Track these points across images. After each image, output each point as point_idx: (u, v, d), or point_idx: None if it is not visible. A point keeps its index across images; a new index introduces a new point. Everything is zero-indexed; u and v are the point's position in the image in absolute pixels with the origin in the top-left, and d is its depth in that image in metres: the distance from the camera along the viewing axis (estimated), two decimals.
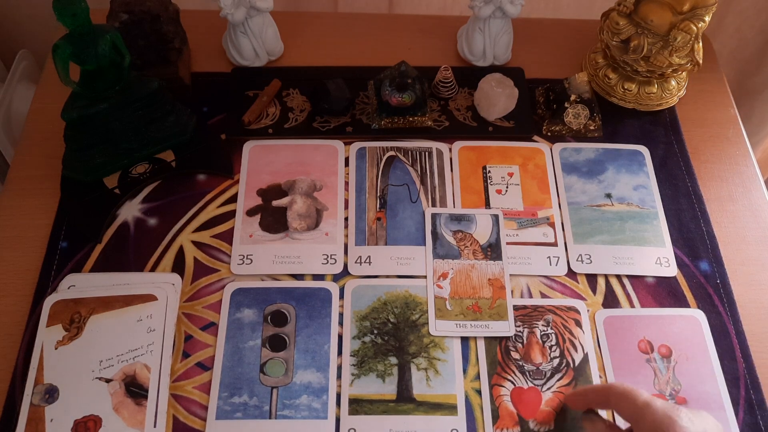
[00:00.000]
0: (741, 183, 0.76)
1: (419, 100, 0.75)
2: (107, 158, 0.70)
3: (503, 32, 0.81)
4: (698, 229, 0.72)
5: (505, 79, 0.77)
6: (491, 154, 0.76)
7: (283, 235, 0.69)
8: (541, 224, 0.71)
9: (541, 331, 0.64)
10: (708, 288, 0.68)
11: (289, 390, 0.61)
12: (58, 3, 0.59)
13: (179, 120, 0.72)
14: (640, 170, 0.76)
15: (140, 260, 0.67)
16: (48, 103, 0.78)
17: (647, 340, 0.64)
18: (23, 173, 0.73)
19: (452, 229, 0.70)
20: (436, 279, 0.67)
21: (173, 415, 0.59)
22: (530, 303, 0.66)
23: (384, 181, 0.74)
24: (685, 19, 0.71)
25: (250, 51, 0.81)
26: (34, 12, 1.02)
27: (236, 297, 0.65)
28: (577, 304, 0.66)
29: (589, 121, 0.78)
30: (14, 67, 1.00)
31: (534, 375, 0.62)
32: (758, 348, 0.65)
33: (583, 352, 0.63)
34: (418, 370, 0.62)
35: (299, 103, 0.79)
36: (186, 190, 0.72)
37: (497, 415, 0.60)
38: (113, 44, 0.63)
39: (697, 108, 0.82)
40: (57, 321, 0.62)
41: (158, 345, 0.61)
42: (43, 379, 0.59)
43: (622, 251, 0.69)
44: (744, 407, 0.61)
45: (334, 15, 0.94)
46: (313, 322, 0.64)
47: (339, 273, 0.67)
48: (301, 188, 0.72)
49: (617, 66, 0.79)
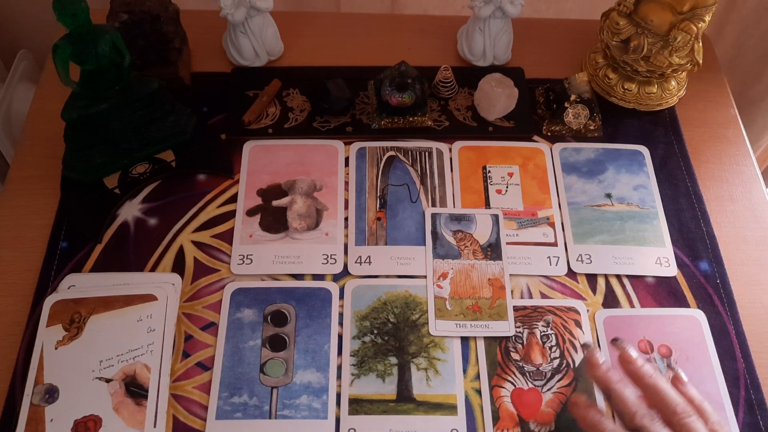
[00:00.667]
0: (741, 183, 0.76)
1: (419, 100, 0.75)
2: (107, 158, 0.70)
3: (503, 32, 0.81)
4: (698, 229, 0.72)
5: (505, 79, 0.77)
6: (491, 154, 0.76)
7: (283, 235, 0.69)
8: (541, 224, 0.71)
9: (541, 331, 0.64)
10: (708, 288, 0.68)
11: (289, 390, 0.61)
12: (58, 3, 0.59)
13: (179, 120, 0.72)
14: (640, 170, 0.76)
15: (140, 260, 0.67)
16: (48, 103, 0.78)
17: (647, 340, 0.64)
18: (23, 173, 0.73)
19: (452, 229, 0.70)
20: (436, 279, 0.67)
21: (173, 415, 0.59)
22: (530, 303, 0.66)
23: (384, 181, 0.74)
24: (685, 19, 0.71)
25: (250, 51, 0.81)
26: (34, 12, 1.02)
27: (236, 297, 0.65)
28: (577, 304, 0.66)
29: (589, 121, 0.78)
30: (14, 67, 1.00)
31: (534, 376, 0.62)
32: (758, 348, 0.65)
33: (583, 353, 0.63)
34: (418, 370, 0.62)
35: (299, 103, 0.79)
36: (186, 190, 0.72)
37: (497, 416, 0.60)
38: (113, 44, 0.63)
39: (697, 108, 0.82)
40: (57, 321, 0.62)
41: (158, 345, 0.61)
42: (43, 379, 0.59)
43: (622, 251, 0.69)
44: (744, 407, 0.61)
45: (334, 15, 0.94)
46: (313, 322, 0.64)
47: (339, 273, 0.67)
48: (301, 188, 0.72)
49: (617, 66, 0.79)
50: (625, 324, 0.65)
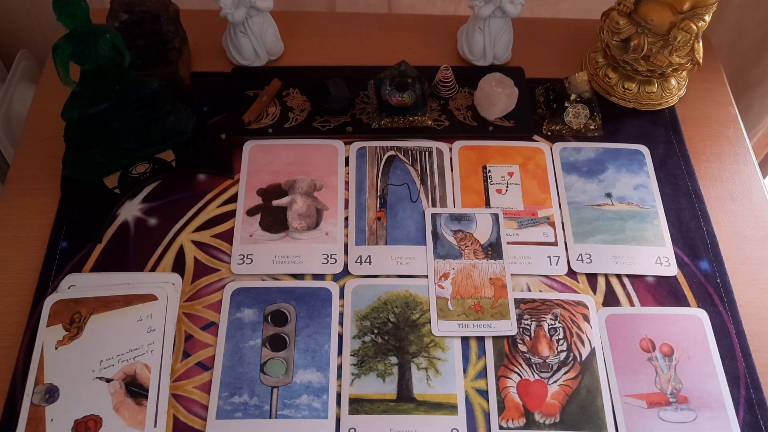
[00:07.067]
0: (741, 182, 0.76)
1: (419, 99, 0.75)
2: (107, 158, 0.70)
3: (503, 32, 0.81)
4: (698, 228, 0.72)
5: (505, 79, 0.77)
6: (491, 154, 0.76)
7: (283, 234, 0.69)
8: (541, 224, 0.71)
9: (549, 324, 0.64)
10: (708, 287, 0.68)
11: (289, 390, 0.60)
12: (58, 3, 0.59)
13: (179, 120, 0.72)
14: (640, 170, 0.76)
15: (140, 260, 0.67)
16: (48, 103, 0.78)
17: (649, 338, 0.64)
18: (23, 173, 0.73)
19: (452, 228, 0.70)
20: (437, 279, 0.67)
21: (173, 415, 0.59)
22: (538, 297, 0.66)
23: (384, 181, 0.74)
24: (685, 19, 0.71)
25: (250, 51, 0.81)
26: (34, 12, 1.02)
27: (236, 297, 0.65)
28: (585, 299, 0.66)
29: (589, 120, 0.78)
30: (14, 67, 1.00)
31: (541, 368, 0.62)
32: (759, 347, 0.65)
33: (591, 347, 0.63)
34: (419, 369, 0.62)
35: (299, 102, 0.79)
36: (186, 190, 0.72)
37: (503, 407, 0.60)
38: (113, 44, 0.63)
39: (697, 107, 0.82)
40: (57, 321, 0.62)
41: (158, 345, 0.61)
42: (44, 379, 0.59)
43: (622, 251, 0.69)
44: (744, 406, 0.61)
45: (334, 15, 0.94)
46: (313, 322, 0.64)
47: (339, 273, 0.67)
48: (301, 188, 0.72)
49: (617, 65, 0.79)
50: (627, 322, 0.65)
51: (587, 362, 0.63)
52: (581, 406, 0.60)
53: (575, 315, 0.65)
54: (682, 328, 0.65)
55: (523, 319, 0.64)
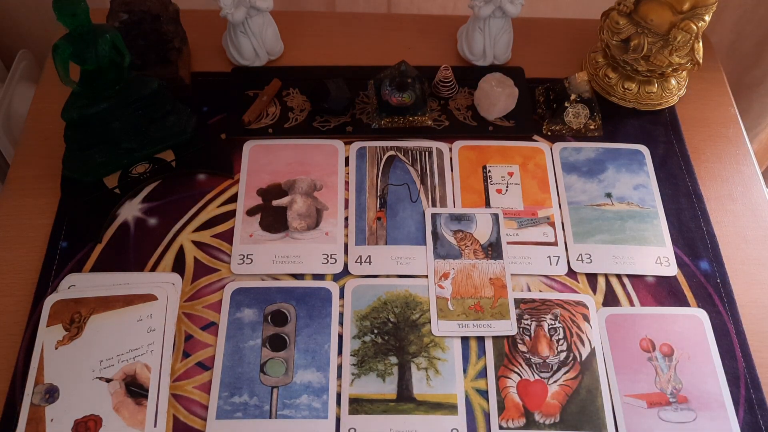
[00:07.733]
0: (741, 182, 0.76)
1: (419, 99, 0.75)
2: (107, 158, 0.70)
3: (503, 32, 0.81)
4: (698, 228, 0.72)
5: (505, 79, 0.77)
6: (491, 154, 0.76)
7: (283, 234, 0.69)
8: (541, 224, 0.71)
9: (549, 324, 0.64)
10: (708, 287, 0.68)
11: (289, 390, 0.60)
12: (58, 3, 0.59)
13: (179, 120, 0.72)
14: (640, 170, 0.76)
15: (140, 260, 0.67)
16: (48, 103, 0.78)
17: (649, 338, 0.64)
18: (23, 173, 0.73)
19: (452, 228, 0.70)
20: (437, 279, 0.67)
21: (173, 415, 0.59)
22: (538, 297, 0.66)
23: (384, 181, 0.74)
24: (685, 19, 0.71)
25: (250, 51, 0.81)
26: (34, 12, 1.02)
27: (236, 297, 0.65)
28: (585, 299, 0.66)
29: (589, 120, 0.78)
30: (14, 67, 1.00)
31: (541, 368, 0.62)
32: (758, 347, 0.65)
33: (591, 347, 0.63)
34: (419, 369, 0.62)
35: (299, 102, 0.79)
36: (186, 190, 0.72)
37: (503, 407, 0.60)
38: (113, 44, 0.63)
39: (697, 107, 0.82)
40: (57, 321, 0.62)
41: (158, 345, 0.61)
42: (44, 379, 0.59)
43: (622, 251, 0.69)
44: (744, 406, 0.61)
45: (334, 15, 0.94)
46: (313, 322, 0.64)
47: (339, 273, 0.67)
48: (301, 188, 0.72)
49: (617, 65, 0.79)
50: (627, 322, 0.65)
51: (587, 362, 0.63)
52: (581, 406, 0.60)
53: (575, 315, 0.65)
54: (682, 328, 0.65)
55: (523, 319, 0.64)
